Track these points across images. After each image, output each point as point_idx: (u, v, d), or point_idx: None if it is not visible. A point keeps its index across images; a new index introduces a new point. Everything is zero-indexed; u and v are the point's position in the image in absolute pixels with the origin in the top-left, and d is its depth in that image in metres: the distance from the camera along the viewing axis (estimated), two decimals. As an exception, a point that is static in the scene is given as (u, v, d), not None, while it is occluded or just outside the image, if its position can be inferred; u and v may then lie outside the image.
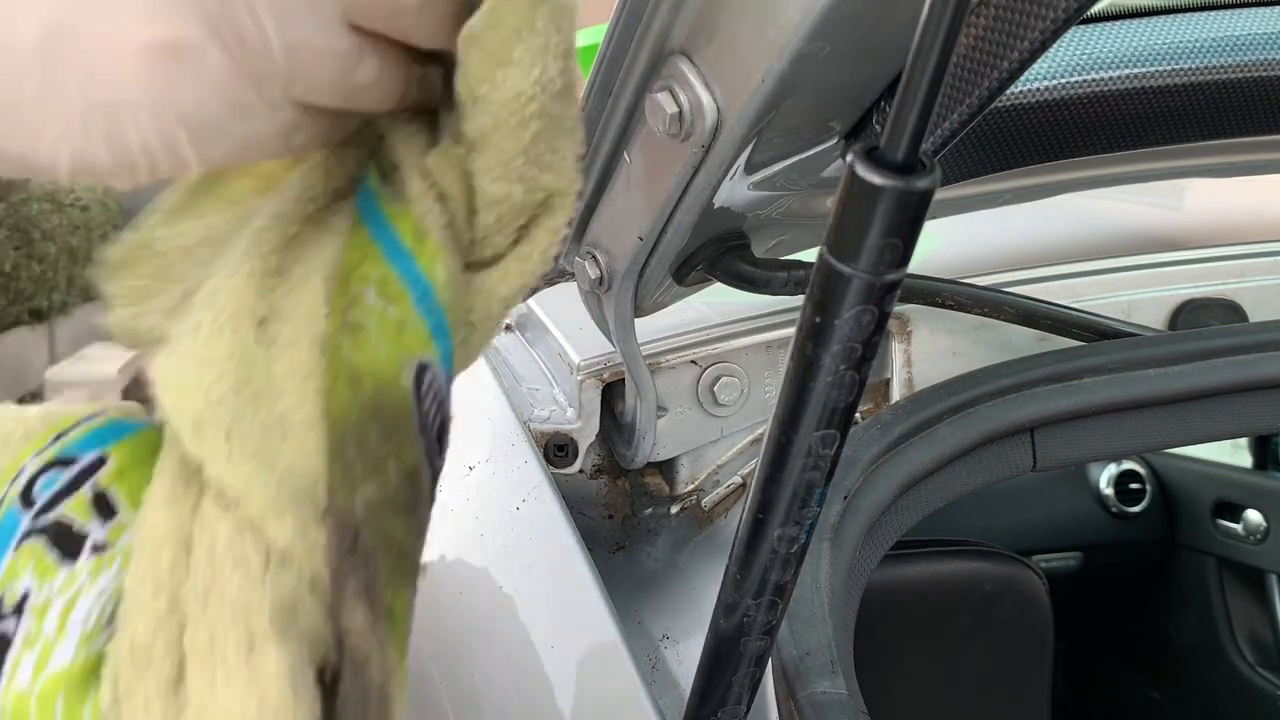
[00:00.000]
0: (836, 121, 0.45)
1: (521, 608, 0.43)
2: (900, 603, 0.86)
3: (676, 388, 0.61)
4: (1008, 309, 0.64)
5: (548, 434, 0.60)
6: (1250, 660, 1.45)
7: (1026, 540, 1.46)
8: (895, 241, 0.27)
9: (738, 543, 0.34)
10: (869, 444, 0.56)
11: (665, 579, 0.57)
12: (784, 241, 0.56)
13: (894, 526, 0.57)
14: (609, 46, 0.41)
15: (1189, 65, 0.64)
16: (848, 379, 0.30)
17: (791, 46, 0.36)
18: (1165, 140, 0.67)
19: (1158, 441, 0.63)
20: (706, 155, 0.41)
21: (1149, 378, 0.61)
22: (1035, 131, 0.63)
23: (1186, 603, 1.54)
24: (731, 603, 0.35)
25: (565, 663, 0.39)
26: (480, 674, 0.40)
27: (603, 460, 0.65)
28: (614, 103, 0.44)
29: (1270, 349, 0.63)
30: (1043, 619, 0.91)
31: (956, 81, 0.39)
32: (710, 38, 0.39)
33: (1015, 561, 0.92)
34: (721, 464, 0.65)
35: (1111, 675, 1.63)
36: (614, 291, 0.51)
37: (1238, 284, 0.73)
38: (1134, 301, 0.71)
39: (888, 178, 0.26)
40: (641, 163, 0.45)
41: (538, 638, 0.40)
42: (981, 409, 0.60)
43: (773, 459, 0.32)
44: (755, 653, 0.36)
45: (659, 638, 0.51)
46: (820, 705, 0.40)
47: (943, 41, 0.25)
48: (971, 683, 0.93)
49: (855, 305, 0.28)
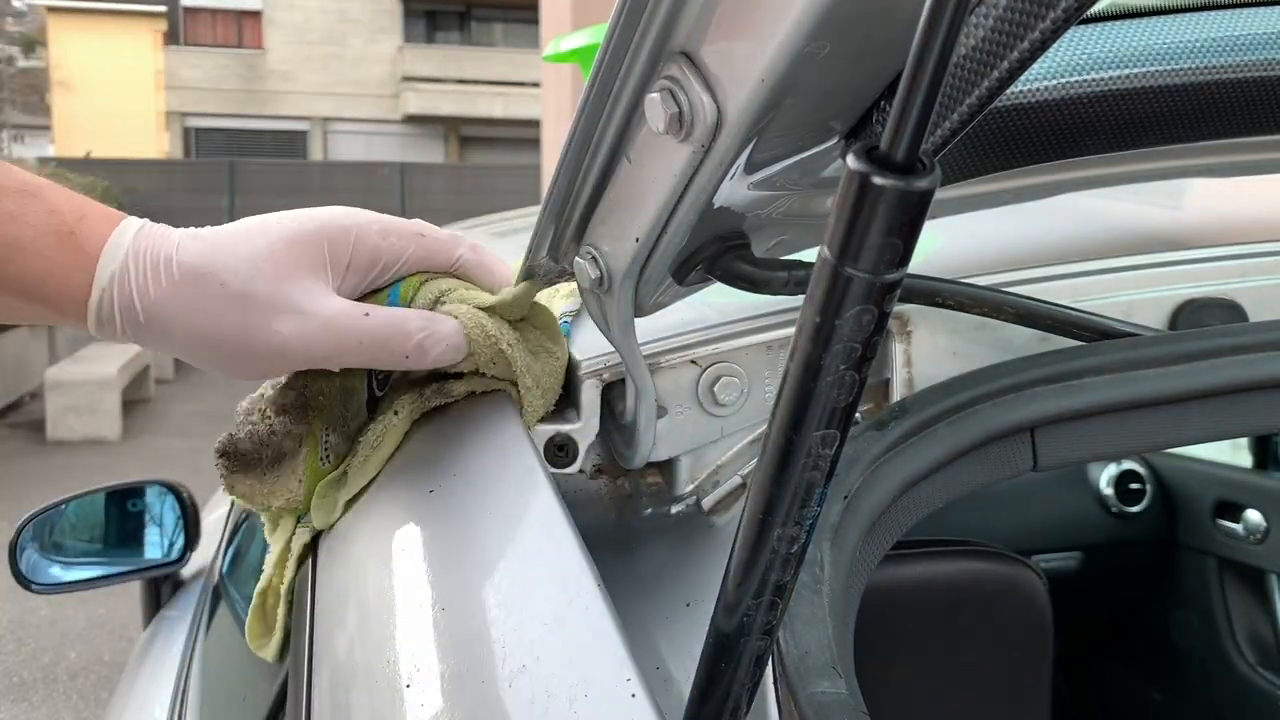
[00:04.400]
0: (836, 121, 0.45)
1: (520, 608, 0.43)
2: (900, 603, 0.86)
3: (676, 388, 0.62)
4: (1008, 309, 0.64)
5: (548, 434, 0.60)
6: (1250, 660, 1.45)
7: (1026, 540, 1.46)
8: (895, 241, 0.27)
9: (738, 543, 0.34)
10: (869, 444, 0.56)
11: (665, 579, 0.57)
12: (784, 241, 0.56)
13: (894, 526, 0.57)
14: (609, 46, 0.41)
15: (1189, 65, 0.64)
16: (848, 379, 0.30)
17: (791, 46, 0.36)
18: (1165, 140, 0.67)
19: (1158, 441, 0.63)
20: (706, 155, 0.41)
21: (1149, 377, 0.61)
22: (1035, 131, 0.63)
23: (1186, 603, 1.54)
24: (731, 603, 0.35)
25: (564, 663, 0.39)
26: (480, 673, 0.40)
27: (603, 460, 0.65)
28: (614, 103, 0.44)
29: (1270, 349, 0.63)
30: (1043, 619, 0.91)
31: (956, 81, 0.39)
32: (710, 38, 0.39)
33: (1015, 561, 0.92)
34: (721, 464, 0.65)
35: (1111, 675, 1.63)
36: (614, 291, 0.51)
37: (1238, 284, 0.73)
38: (1134, 301, 0.71)
39: (888, 178, 0.26)
40: (641, 163, 0.45)
41: (537, 638, 0.40)
42: (981, 409, 0.60)
43: (773, 459, 0.32)
44: (755, 653, 0.36)
45: (659, 638, 0.51)
46: (820, 705, 0.40)
47: (943, 41, 0.25)
48: (971, 683, 0.93)
49: (855, 305, 0.28)
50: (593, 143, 0.46)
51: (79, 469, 5.75)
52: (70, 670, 3.49)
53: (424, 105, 20.96)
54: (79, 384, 6.48)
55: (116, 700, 1.45)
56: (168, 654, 1.39)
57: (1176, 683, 1.55)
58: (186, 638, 1.39)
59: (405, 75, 21.10)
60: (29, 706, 3.27)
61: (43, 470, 5.82)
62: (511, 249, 0.98)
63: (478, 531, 0.49)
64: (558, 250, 0.54)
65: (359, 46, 21.47)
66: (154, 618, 1.57)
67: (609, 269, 0.51)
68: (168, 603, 1.58)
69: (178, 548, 1.44)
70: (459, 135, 21.96)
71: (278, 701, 0.65)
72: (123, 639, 3.59)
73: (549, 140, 5.51)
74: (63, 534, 1.42)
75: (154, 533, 1.45)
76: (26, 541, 1.36)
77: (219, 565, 1.36)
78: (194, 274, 0.51)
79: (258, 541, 1.14)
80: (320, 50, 21.34)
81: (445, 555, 0.49)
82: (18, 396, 7.23)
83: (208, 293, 0.51)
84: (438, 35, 22.43)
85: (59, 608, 3.82)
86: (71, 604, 3.82)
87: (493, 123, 21.24)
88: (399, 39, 21.58)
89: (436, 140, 21.97)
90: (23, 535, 1.35)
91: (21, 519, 1.36)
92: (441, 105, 21.04)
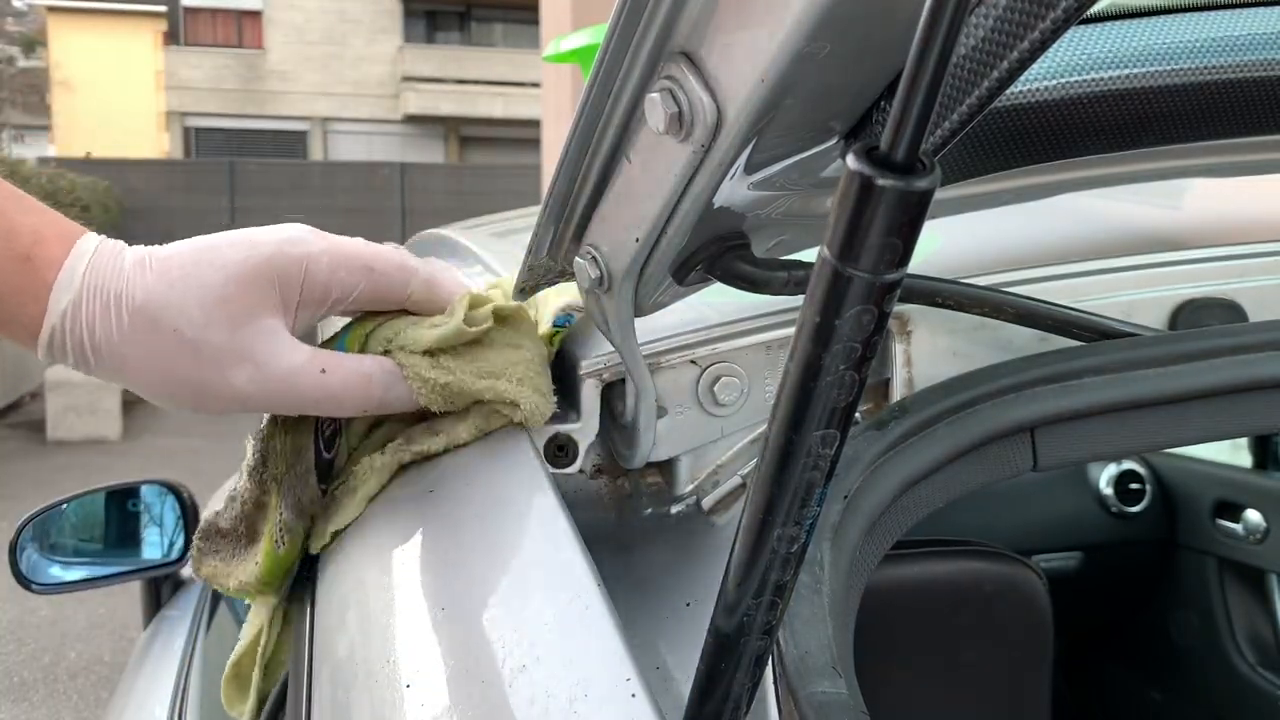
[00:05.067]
0: (836, 121, 0.45)
1: (521, 608, 0.43)
2: (900, 603, 0.86)
3: (676, 388, 0.62)
4: (1008, 309, 0.64)
5: (547, 434, 0.60)
6: (1250, 660, 1.45)
7: (1026, 540, 1.46)
8: (895, 241, 0.27)
9: (738, 543, 0.34)
10: (869, 444, 0.56)
11: (665, 579, 0.57)
12: (784, 241, 0.56)
13: (894, 526, 0.57)
14: (609, 46, 0.41)
15: (1189, 65, 0.64)
16: (848, 379, 0.30)
17: (791, 46, 0.36)
18: (1165, 140, 0.67)
19: (1158, 441, 0.63)
20: (706, 155, 0.41)
21: (1149, 377, 0.61)
22: (1035, 131, 0.63)
23: (1186, 603, 1.54)
24: (731, 603, 0.35)
25: (564, 663, 0.39)
26: (480, 674, 0.40)
27: (603, 460, 0.65)
28: (614, 103, 0.44)
29: (1271, 349, 0.63)
30: (1043, 619, 0.91)
31: (956, 81, 0.39)
32: (710, 38, 0.39)
33: (1015, 561, 0.92)
34: (721, 464, 0.65)
35: (1111, 675, 1.63)
36: (614, 291, 0.51)
37: (1238, 284, 0.73)
38: (1134, 301, 0.71)
39: (888, 178, 0.26)
40: (641, 163, 0.45)
41: (537, 638, 0.40)
42: (981, 409, 0.60)
43: (773, 459, 0.32)
44: (755, 653, 0.36)
45: (659, 638, 0.51)
46: (821, 705, 0.40)
47: (943, 41, 0.25)
48: (971, 682, 0.93)
49: (855, 305, 0.28)
50: (593, 143, 0.46)
51: (79, 469, 5.76)
52: (70, 670, 3.49)
53: (424, 105, 20.96)
54: (79, 384, 6.48)
55: (116, 700, 1.46)
56: (168, 654, 1.39)
57: (1176, 683, 1.55)
58: (186, 638, 1.40)
59: (405, 75, 21.11)
60: (29, 706, 3.27)
61: (43, 470, 5.82)
62: (511, 249, 0.98)
63: (478, 532, 0.49)
64: (558, 250, 0.54)
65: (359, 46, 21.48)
66: (154, 618, 1.57)
67: (609, 269, 0.51)
68: (168, 603, 1.58)
69: (177, 548, 1.44)
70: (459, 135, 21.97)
71: (278, 701, 0.65)
72: (123, 639, 3.59)
73: (549, 140, 5.51)
74: (63, 534, 1.42)
75: (154, 533, 1.45)
76: (26, 541, 1.36)
77: (219, 565, 1.35)
78: (146, 318, 0.49)
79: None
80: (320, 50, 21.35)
81: (445, 555, 0.49)
82: (18, 396, 7.23)
83: (161, 337, 0.49)
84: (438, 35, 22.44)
85: (59, 608, 3.83)
86: (71, 604, 3.82)
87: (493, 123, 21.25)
88: (399, 39, 21.59)
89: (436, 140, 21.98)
90: (23, 535, 1.35)
91: (21, 519, 1.36)
92: (441, 105, 21.05)
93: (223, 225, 1.30)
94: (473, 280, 0.91)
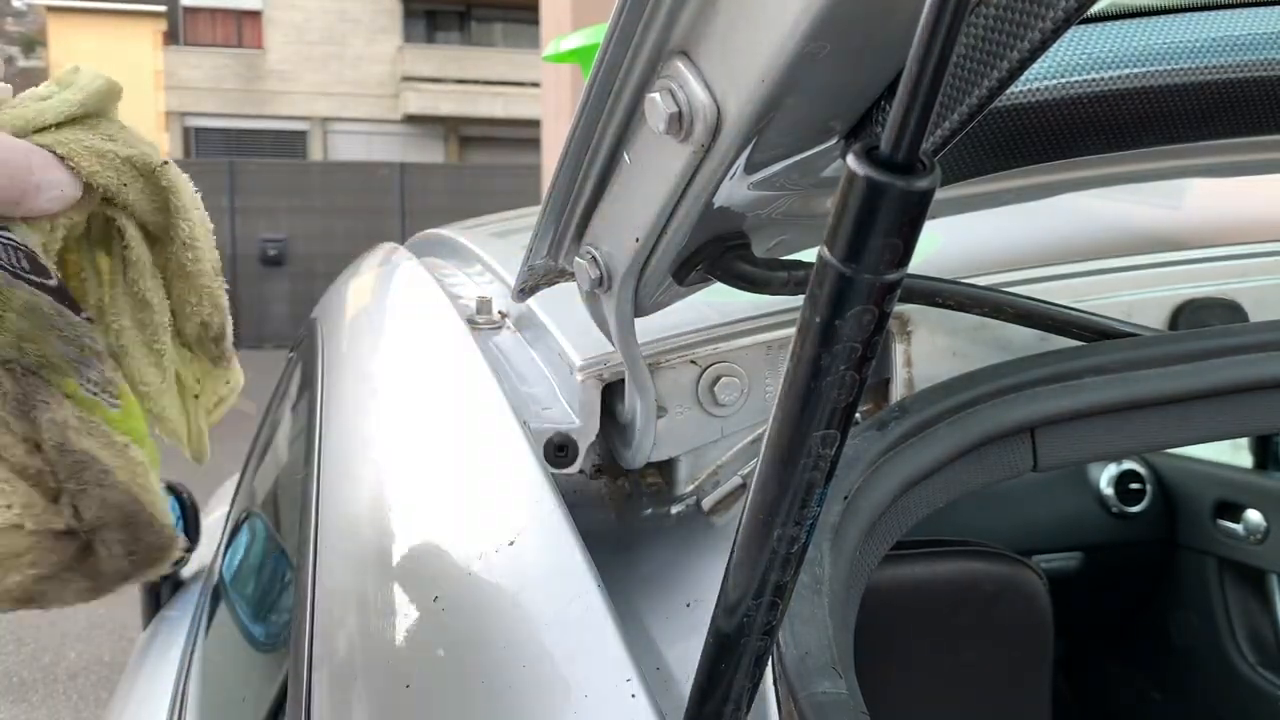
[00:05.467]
0: (836, 121, 0.45)
1: (520, 608, 0.43)
2: (900, 603, 0.86)
3: (676, 388, 0.61)
4: (1008, 309, 0.64)
5: (547, 434, 0.60)
6: (1250, 660, 1.45)
7: (1026, 540, 1.46)
8: (895, 241, 0.27)
9: (738, 543, 0.34)
10: (869, 444, 0.56)
11: (665, 579, 0.57)
12: (784, 241, 0.56)
13: (894, 526, 0.57)
14: (609, 46, 0.41)
15: (1189, 65, 0.64)
16: (848, 379, 0.30)
17: (791, 46, 0.36)
18: (1165, 140, 0.67)
19: (1158, 441, 0.63)
20: (706, 155, 0.41)
21: (1149, 378, 0.61)
22: (1035, 131, 0.63)
23: (1186, 603, 1.54)
24: (731, 603, 0.35)
25: (564, 663, 0.39)
26: (480, 673, 0.40)
27: (603, 460, 0.65)
28: (614, 103, 0.44)
29: (1271, 349, 0.63)
30: (1043, 619, 0.91)
31: (956, 81, 0.39)
32: (710, 38, 0.39)
33: (1015, 561, 0.92)
34: (721, 464, 0.65)
35: (1112, 675, 1.63)
36: (614, 292, 0.51)
37: (1238, 284, 0.73)
38: (1134, 301, 0.71)
39: (888, 178, 0.26)
40: (641, 163, 0.45)
41: (536, 638, 0.40)
42: (981, 409, 0.60)
43: (773, 459, 0.32)
44: (755, 653, 0.36)
45: (659, 638, 0.51)
46: (820, 705, 0.40)
47: (943, 41, 0.25)
48: (971, 683, 0.93)
49: (855, 305, 0.28)
50: (593, 142, 0.46)
51: (79, 469, 5.74)
52: (70, 670, 3.49)
53: (424, 105, 20.95)
54: (79, 384, 6.47)
55: (116, 700, 1.45)
56: (168, 654, 1.39)
57: (1176, 683, 1.54)
58: (186, 638, 1.39)
59: (405, 75, 21.10)
60: (29, 706, 3.27)
61: (43, 470, 5.81)
62: (511, 249, 0.98)
63: (478, 532, 0.49)
64: (558, 250, 0.54)
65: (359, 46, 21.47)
66: (154, 618, 1.57)
67: (609, 269, 0.51)
68: (168, 603, 1.58)
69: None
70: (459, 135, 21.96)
71: (278, 701, 0.65)
72: (123, 639, 3.59)
73: (549, 140, 5.51)
74: (62, 534, 1.41)
75: (154, 533, 1.45)
76: (26, 541, 1.35)
77: (219, 565, 1.35)
78: None
79: (258, 542, 1.14)
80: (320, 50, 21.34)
81: (445, 555, 0.49)
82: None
83: None
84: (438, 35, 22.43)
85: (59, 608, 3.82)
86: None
87: (493, 123, 21.24)
88: (399, 39, 21.58)
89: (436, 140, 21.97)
90: (23, 535, 1.35)
91: (21, 519, 1.35)
92: (441, 105, 21.03)
93: (223, 225, 1.29)
94: (473, 280, 0.91)
